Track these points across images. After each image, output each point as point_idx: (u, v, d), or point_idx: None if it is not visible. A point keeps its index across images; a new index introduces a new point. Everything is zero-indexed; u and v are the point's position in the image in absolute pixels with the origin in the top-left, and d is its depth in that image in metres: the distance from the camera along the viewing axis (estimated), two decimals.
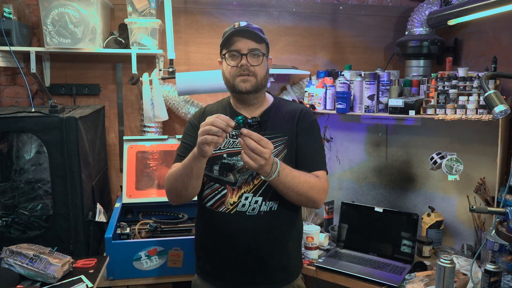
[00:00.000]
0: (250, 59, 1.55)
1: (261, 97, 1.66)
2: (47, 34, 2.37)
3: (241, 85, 1.57)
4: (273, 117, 1.65)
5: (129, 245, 2.18)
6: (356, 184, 2.76)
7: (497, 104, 1.71)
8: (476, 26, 2.59)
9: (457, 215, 2.42)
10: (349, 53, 3.05)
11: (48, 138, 2.04)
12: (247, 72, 1.55)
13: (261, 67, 1.57)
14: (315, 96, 2.50)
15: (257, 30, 1.58)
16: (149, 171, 2.59)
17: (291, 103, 1.76)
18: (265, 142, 1.38)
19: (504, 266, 1.94)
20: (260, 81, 1.58)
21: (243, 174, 1.58)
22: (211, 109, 1.73)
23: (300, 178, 1.51)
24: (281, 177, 1.46)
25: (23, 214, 2.17)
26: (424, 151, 2.48)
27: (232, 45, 1.56)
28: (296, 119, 1.64)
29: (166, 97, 2.70)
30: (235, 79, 1.57)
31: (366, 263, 2.21)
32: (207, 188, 1.64)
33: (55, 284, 1.76)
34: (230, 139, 1.62)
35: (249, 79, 1.56)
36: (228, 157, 1.60)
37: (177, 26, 2.78)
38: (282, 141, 1.61)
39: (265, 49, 1.60)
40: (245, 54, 1.54)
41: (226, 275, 1.64)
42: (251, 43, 1.55)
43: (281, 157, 1.59)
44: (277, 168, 1.43)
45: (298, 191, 1.51)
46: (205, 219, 1.67)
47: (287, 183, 1.48)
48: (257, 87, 1.58)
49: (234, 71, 1.56)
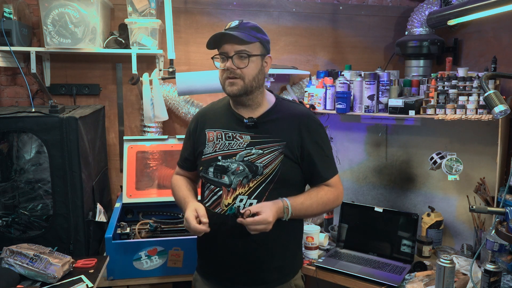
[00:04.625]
0: (237, 61, 1.52)
1: (258, 97, 1.62)
2: (47, 34, 2.37)
3: (228, 88, 1.56)
4: (273, 119, 1.62)
5: (129, 245, 2.18)
6: (356, 184, 2.76)
7: (497, 104, 1.71)
8: (476, 26, 2.59)
9: (457, 215, 2.42)
10: (349, 53, 3.05)
11: (48, 138, 2.04)
12: (233, 75, 1.53)
13: (249, 68, 1.53)
14: (315, 96, 2.50)
15: (248, 30, 1.54)
16: (149, 171, 2.59)
17: (294, 105, 1.71)
18: (261, 221, 1.45)
19: (504, 266, 1.94)
20: (249, 83, 1.55)
21: (237, 176, 1.58)
22: (210, 109, 1.74)
23: (313, 206, 1.60)
24: (295, 214, 1.57)
25: (23, 214, 2.17)
26: (424, 151, 2.48)
27: (220, 47, 1.55)
28: (298, 127, 1.60)
29: (166, 97, 2.70)
30: (225, 81, 1.57)
31: (366, 263, 2.21)
32: (206, 189, 1.67)
33: (55, 284, 1.77)
34: (226, 141, 1.61)
35: (235, 82, 1.54)
36: (222, 159, 1.60)
37: (177, 26, 2.78)
38: (279, 146, 1.58)
39: (258, 49, 1.56)
40: (231, 57, 1.52)
41: (221, 275, 1.66)
42: (237, 45, 1.51)
43: (277, 163, 1.56)
44: (289, 212, 1.55)
45: (313, 215, 1.78)
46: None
47: (301, 215, 1.63)
48: (245, 90, 1.55)
49: (223, 74, 1.56)
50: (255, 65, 1.56)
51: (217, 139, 1.63)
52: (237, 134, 1.61)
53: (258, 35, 1.56)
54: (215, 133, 1.64)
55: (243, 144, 1.59)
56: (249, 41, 1.51)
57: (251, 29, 1.55)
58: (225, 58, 1.54)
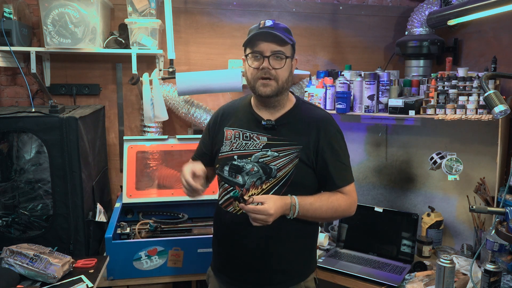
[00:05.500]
0: (273, 62, 1.51)
1: (284, 99, 1.61)
2: (47, 34, 2.37)
3: (261, 89, 1.54)
4: (291, 121, 1.61)
5: (129, 245, 2.18)
6: (356, 184, 2.73)
7: (497, 104, 1.71)
8: (476, 26, 2.59)
9: (457, 215, 2.42)
10: (349, 53, 3.05)
11: (48, 138, 2.04)
12: (268, 75, 1.52)
13: (284, 70, 1.53)
14: (315, 96, 2.50)
15: (282, 31, 1.52)
16: (149, 171, 2.59)
17: (313, 108, 1.69)
18: (262, 211, 1.42)
19: (504, 266, 1.94)
20: (282, 85, 1.55)
21: (252, 176, 1.57)
22: (231, 107, 1.72)
23: (322, 208, 1.55)
24: (302, 214, 1.53)
25: (23, 214, 2.17)
26: (424, 151, 2.48)
27: (255, 45, 1.52)
28: (316, 132, 1.58)
29: (166, 97, 2.70)
30: (256, 82, 1.54)
31: (366, 263, 2.21)
32: (220, 187, 1.67)
33: (55, 284, 1.77)
34: (243, 141, 1.60)
35: (269, 83, 1.53)
36: (238, 158, 1.59)
37: (177, 26, 2.78)
38: (295, 149, 1.56)
39: (290, 51, 1.55)
40: (267, 57, 1.50)
41: (232, 273, 1.66)
42: (274, 45, 1.50)
43: (292, 166, 1.55)
44: (296, 210, 1.51)
45: (322, 218, 1.64)
46: (218, 216, 1.71)
47: (309, 216, 1.55)
48: (278, 91, 1.55)
49: (256, 73, 1.54)
50: (288, 67, 1.56)
51: (234, 138, 1.62)
52: (254, 135, 1.60)
53: (291, 36, 1.56)
54: (233, 131, 1.64)
55: (259, 145, 1.58)
56: (286, 43, 1.51)
57: (284, 31, 1.54)
58: (260, 57, 1.52)
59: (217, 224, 1.74)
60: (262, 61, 1.52)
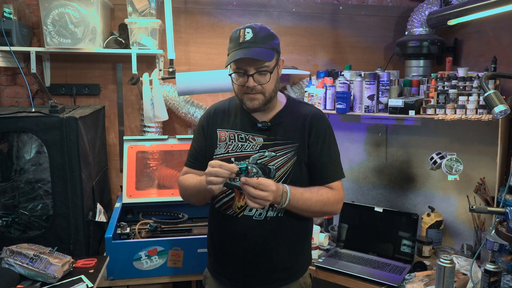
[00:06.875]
0: (258, 78, 1.49)
1: (273, 103, 1.61)
2: (47, 34, 2.37)
3: (248, 103, 1.54)
4: (284, 121, 1.61)
5: (129, 245, 2.18)
6: (356, 184, 2.76)
7: (497, 104, 1.71)
8: (476, 26, 2.59)
9: (457, 215, 2.42)
10: (349, 53, 3.05)
11: (48, 138, 2.04)
12: (254, 91, 1.51)
13: (269, 83, 1.51)
14: (315, 96, 2.50)
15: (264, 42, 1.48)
16: (149, 171, 2.59)
17: (304, 105, 1.69)
18: (265, 185, 1.39)
19: (504, 266, 1.94)
20: (269, 96, 1.54)
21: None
22: (221, 108, 1.70)
23: (312, 200, 1.53)
24: (293, 203, 1.50)
25: (23, 214, 2.17)
26: (424, 151, 2.48)
27: (237, 63, 1.48)
28: (308, 127, 1.58)
29: (166, 97, 2.70)
30: (243, 96, 1.54)
31: (366, 263, 2.21)
32: None
33: (55, 284, 1.77)
34: (238, 142, 1.60)
35: (256, 97, 1.52)
36: (235, 161, 1.57)
37: (177, 26, 2.78)
38: (292, 148, 1.57)
39: (274, 60, 1.52)
40: (251, 75, 1.48)
41: (231, 275, 1.66)
42: (257, 61, 1.47)
43: (290, 165, 1.56)
44: (287, 198, 1.48)
45: (311, 211, 1.56)
46: (214, 219, 1.70)
47: (299, 206, 1.52)
48: (266, 102, 1.54)
49: (242, 89, 1.53)
50: (274, 77, 1.54)
51: (229, 140, 1.61)
52: (250, 136, 1.59)
53: (273, 44, 1.52)
54: (227, 133, 1.62)
55: (256, 147, 1.58)
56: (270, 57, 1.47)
57: (266, 40, 1.50)
58: (244, 74, 1.49)
59: (213, 227, 1.72)
60: (246, 79, 1.49)
